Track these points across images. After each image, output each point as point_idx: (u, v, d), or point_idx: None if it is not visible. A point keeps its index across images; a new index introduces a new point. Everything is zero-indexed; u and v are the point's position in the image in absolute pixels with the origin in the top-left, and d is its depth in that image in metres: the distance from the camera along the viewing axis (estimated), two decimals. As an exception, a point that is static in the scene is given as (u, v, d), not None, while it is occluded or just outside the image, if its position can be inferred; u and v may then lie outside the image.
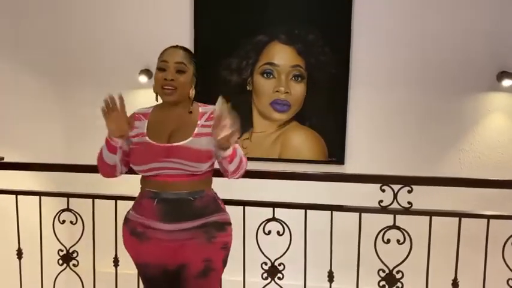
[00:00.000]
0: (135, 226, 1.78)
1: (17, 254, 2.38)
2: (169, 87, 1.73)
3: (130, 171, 1.83)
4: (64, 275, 2.38)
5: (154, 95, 1.79)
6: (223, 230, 1.78)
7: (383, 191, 2.01)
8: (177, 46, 1.80)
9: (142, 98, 3.26)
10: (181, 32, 3.29)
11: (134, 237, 1.78)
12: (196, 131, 1.74)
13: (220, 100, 1.62)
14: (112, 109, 1.65)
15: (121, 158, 1.77)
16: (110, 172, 1.82)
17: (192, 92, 1.79)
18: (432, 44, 3.11)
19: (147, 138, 1.75)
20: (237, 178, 1.81)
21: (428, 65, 3.13)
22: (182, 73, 1.74)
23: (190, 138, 1.72)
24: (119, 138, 1.70)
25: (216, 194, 1.84)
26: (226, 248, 1.79)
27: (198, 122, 1.76)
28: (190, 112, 1.78)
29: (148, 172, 1.73)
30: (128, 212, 1.84)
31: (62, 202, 2.36)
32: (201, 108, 1.82)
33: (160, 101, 1.80)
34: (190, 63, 1.78)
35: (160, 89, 1.74)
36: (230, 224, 1.83)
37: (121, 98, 1.65)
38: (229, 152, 1.67)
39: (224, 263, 1.80)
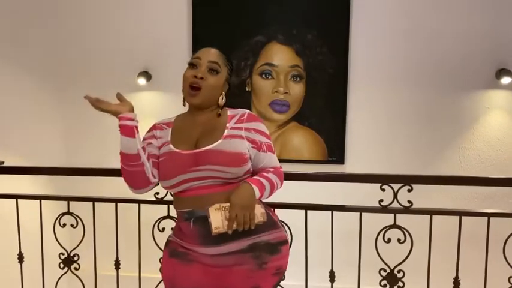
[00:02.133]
0: (175, 247, 1.61)
1: (18, 258, 2.37)
2: (196, 86, 1.55)
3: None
4: (65, 279, 2.38)
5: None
6: (277, 252, 1.55)
7: (383, 190, 2.01)
8: (211, 46, 1.65)
9: (141, 100, 3.26)
10: (180, 33, 3.29)
11: (174, 259, 1.60)
12: (226, 133, 1.57)
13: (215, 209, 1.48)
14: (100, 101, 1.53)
15: (147, 154, 1.54)
16: (137, 173, 1.51)
17: (223, 100, 1.63)
18: (431, 43, 3.11)
19: (171, 146, 1.57)
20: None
21: (427, 64, 3.13)
22: (214, 73, 1.59)
23: (220, 141, 1.54)
24: (129, 112, 1.51)
25: (264, 204, 1.62)
26: (279, 273, 1.58)
27: (227, 125, 1.59)
28: (219, 115, 1.62)
29: (177, 187, 1.53)
30: (170, 235, 1.70)
31: (62, 205, 2.36)
32: (230, 111, 1.66)
33: (187, 107, 1.68)
34: (225, 65, 1.63)
35: (187, 88, 1.57)
36: (286, 242, 1.62)
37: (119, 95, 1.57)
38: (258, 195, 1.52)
39: None
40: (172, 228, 1.75)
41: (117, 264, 2.33)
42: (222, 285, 1.54)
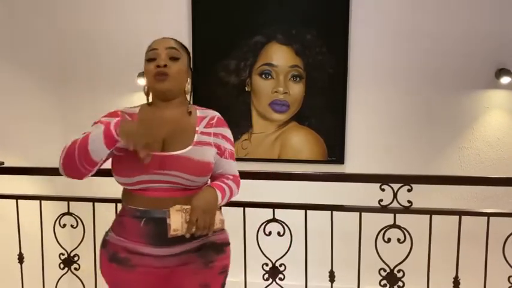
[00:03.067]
0: (116, 251, 1.50)
1: (18, 259, 2.38)
2: (163, 73, 1.47)
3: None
4: (65, 279, 2.38)
5: (150, 97, 1.57)
6: (222, 252, 1.56)
7: (383, 190, 2.01)
8: (164, 36, 1.59)
9: (141, 101, 3.24)
10: (180, 33, 3.29)
11: (114, 264, 1.50)
12: (196, 138, 1.50)
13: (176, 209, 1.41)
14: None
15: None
16: (80, 171, 1.42)
17: (188, 86, 1.57)
18: (431, 43, 3.11)
19: None
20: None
21: (426, 64, 3.13)
22: (176, 60, 1.50)
23: (190, 147, 1.48)
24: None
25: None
26: (225, 271, 1.58)
27: (197, 128, 1.53)
28: (190, 113, 1.55)
29: (135, 186, 1.46)
30: (107, 233, 1.57)
31: (62, 206, 2.36)
32: (199, 111, 1.59)
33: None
34: (184, 50, 1.55)
35: (152, 79, 1.49)
36: (229, 243, 1.62)
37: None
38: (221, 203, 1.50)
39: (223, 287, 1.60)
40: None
41: (117, 265, 2.33)
42: (170, 286, 1.50)
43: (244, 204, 2.19)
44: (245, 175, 2.17)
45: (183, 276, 1.50)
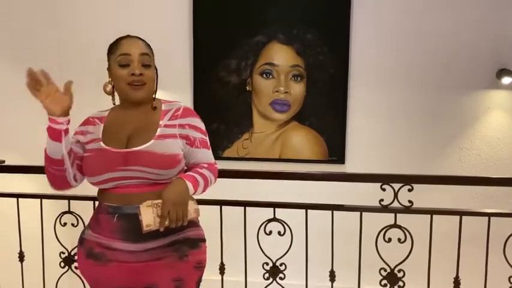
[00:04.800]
0: (91, 247, 1.52)
1: (19, 257, 2.38)
2: (139, 83, 1.50)
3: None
4: (66, 278, 2.38)
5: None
6: (196, 247, 1.56)
7: (383, 190, 2.01)
8: (131, 36, 1.60)
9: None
10: (180, 33, 3.30)
11: (91, 260, 1.52)
12: (158, 132, 1.51)
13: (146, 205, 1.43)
14: (39, 83, 1.40)
15: (72, 159, 1.50)
16: (59, 177, 1.50)
17: (155, 86, 1.58)
18: (431, 43, 3.11)
19: (101, 143, 1.51)
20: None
21: (427, 64, 3.13)
22: (148, 67, 1.53)
23: (152, 141, 1.49)
24: (62, 116, 1.42)
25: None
26: (200, 267, 1.57)
27: (161, 122, 1.54)
28: (155, 108, 1.57)
29: (105, 184, 1.49)
30: (83, 231, 1.60)
31: (63, 204, 2.35)
32: (164, 105, 1.59)
33: (117, 102, 1.62)
34: (151, 51, 1.57)
35: (125, 86, 1.50)
36: (205, 240, 1.61)
37: (43, 72, 1.43)
38: (193, 193, 1.52)
39: (198, 284, 1.59)
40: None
41: (117, 264, 2.33)
42: (144, 280, 1.50)
43: (244, 204, 2.19)
44: (246, 174, 2.19)
45: (157, 270, 1.50)
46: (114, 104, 1.62)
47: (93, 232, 1.55)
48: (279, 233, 2.12)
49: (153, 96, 1.59)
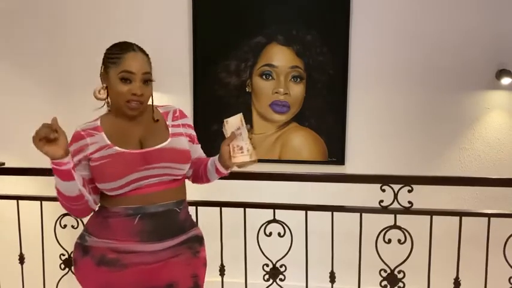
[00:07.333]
0: (103, 253, 1.49)
1: (19, 259, 2.38)
2: (138, 102, 1.49)
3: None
4: (66, 280, 2.38)
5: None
6: (203, 244, 1.65)
7: (383, 191, 2.01)
8: (134, 48, 1.55)
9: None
10: (180, 35, 3.30)
11: (103, 267, 1.48)
12: (171, 131, 1.58)
13: (238, 117, 1.58)
14: (51, 135, 1.39)
15: (87, 187, 1.48)
16: (83, 209, 1.49)
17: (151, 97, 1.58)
18: (431, 43, 3.11)
19: (116, 148, 1.49)
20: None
21: (427, 64, 3.13)
22: (148, 83, 1.53)
23: (170, 139, 1.55)
24: (65, 157, 1.37)
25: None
26: (206, 264, 1.65)
27: (168, 123, 1.60)
28: (157, 120, 1.60)
29: (124, 188, 1.47)
30: (84, 239, 1.55)
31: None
32: (161, 108, 1.66)
33: (104, 110, 1.61)
34: (150, 66, 1.56)
35: (124, 102, 1.49)
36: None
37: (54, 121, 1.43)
38: (227, 171, 1.64)
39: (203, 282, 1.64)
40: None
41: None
42: (164, 278, 1.51)
43: (244, 205, 2.20)
44: (246, 176, 2.19)
45: (177, 267, 1.54)
46: (109, 110, 1.61)
47: (100, 238, 1.52)
48: (279, 234, 2.13)
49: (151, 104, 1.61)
